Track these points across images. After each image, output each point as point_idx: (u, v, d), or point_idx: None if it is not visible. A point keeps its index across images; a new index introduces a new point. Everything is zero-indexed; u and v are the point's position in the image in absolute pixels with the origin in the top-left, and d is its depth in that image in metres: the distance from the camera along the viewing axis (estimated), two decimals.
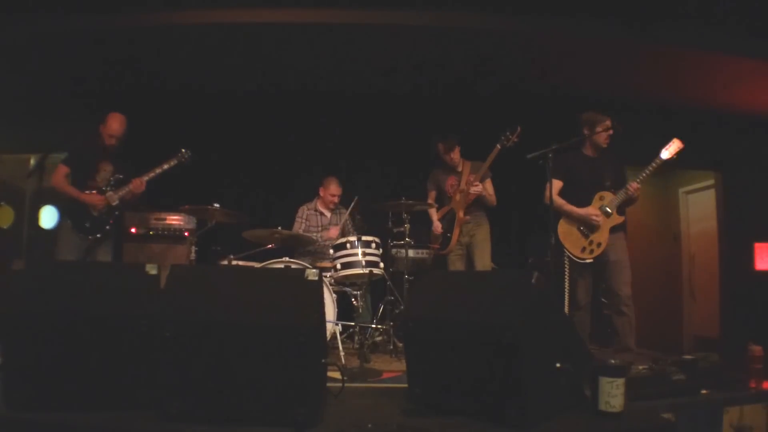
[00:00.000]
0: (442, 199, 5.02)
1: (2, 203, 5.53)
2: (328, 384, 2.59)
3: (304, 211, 5.44)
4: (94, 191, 4.31)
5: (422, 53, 5.22)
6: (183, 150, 4.50)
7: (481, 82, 5.84)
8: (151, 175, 4.41)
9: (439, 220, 4.94)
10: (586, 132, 4.26)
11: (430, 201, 4.97)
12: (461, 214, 4.77)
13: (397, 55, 5.28)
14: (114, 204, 4.34)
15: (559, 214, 4.22)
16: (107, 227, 4.33)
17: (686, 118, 5.66)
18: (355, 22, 4.67)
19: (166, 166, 4.45)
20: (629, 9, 4.52)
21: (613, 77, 5.41)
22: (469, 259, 4.84)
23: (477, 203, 4.80)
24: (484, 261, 4.78)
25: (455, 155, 4.87)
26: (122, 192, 4.36)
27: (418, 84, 5.94)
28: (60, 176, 4.29)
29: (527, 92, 5.93)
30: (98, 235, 4.29)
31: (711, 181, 6.45)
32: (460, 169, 4.91)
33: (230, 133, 6.11)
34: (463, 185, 4.79)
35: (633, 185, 4.06)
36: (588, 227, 4.15)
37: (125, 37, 4.90)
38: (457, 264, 4.85)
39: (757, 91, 5.50)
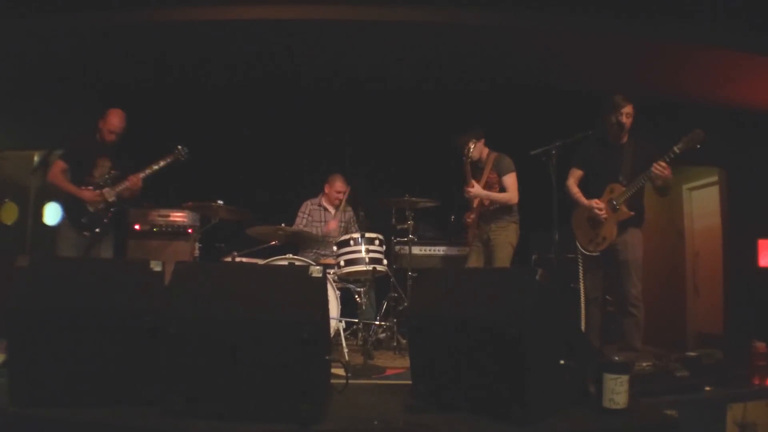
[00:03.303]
0: None
1: (7, 200, 5.54)
2: (332, 381, 2.60)
3: (307, 206, 5.44)
4: (91, 187, 4.30)
5: (428, 50, 5.21)
6: (179, 147, 4.45)
7: (486, 79, 5.83)
8: (148, 171, 4.39)
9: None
10: (603, 119, 4.04)
11: None
12: (475, 203, 4.68)
13: (403, 52, 5.28)
14: (111, 200, 4.33)
15: (572, 206, 4.18)
16: (104, 223, 4.32)
17: (690, 114, 5.64)
18: (364, 19, 4.66)
19: (162, 163, 4.42)
20: (632, 4, 4.51)
21: (616, 73, 5.40)
22: (488, 261, 4.62)
23: (498, 207, 4.61)
24: (502, 265, 4.51)
25: (470, 154, 4.64)
26: (119, 188, 4.34)
27: (423, 80, 5.93)
28: (57, 172, 4.29)
29: (531, 89, 5.92)
30: (96, 231, 4.27)
31: (715, 178, 6.42)
32: (483, 162, 4.73)
33: (234, 129, 6.11)
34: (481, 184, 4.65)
35: (657, 165, 3.75)
36: (594, 219, 4.02)
37: (128, 33, 4.91)
38: (473, 259, 4.69)
39: (761, 88, 5.48)
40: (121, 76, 5.80)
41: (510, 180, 4.61)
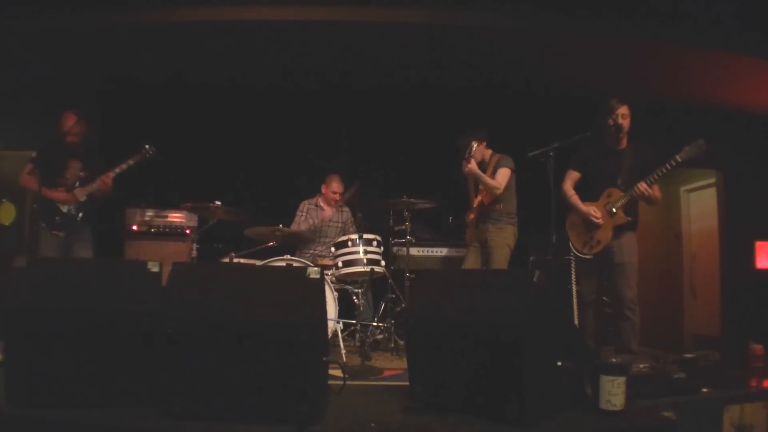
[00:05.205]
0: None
1: (4, 200, 5.53)
2: (330, 382, 2.60)
3: (305, 205, 5.45)
4: (62, 188, 4.42)
5: (425, 50, 5.22)
6: (147, 146, 4.52)
7: (486, 80, 5.84)
8: (117, 170, 4.47)
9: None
10: (600, 124, 4.01)
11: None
12: (475, 203, 4.67)
13: (400, 52, 5.28)
14: (82, 200, 4.43)
15: (567, 208, 4.19)
16: (77, 222, 4.42)
17: (687, 116, 5.66)
18: (360, 20, 4.66)
19: (131, 162, 4.50)
20: (630, 7, 4.52)
21: (614, 76, 5.41)
22: (485, 262, 4.59)
23: (497, 208, 4.59)
24: (498, 267, 4.48)
25: (473, 154, 4.58)
26: (90, 188, 4.45)
27: (421, 81, 5.93)
28: (26, 175, 4.42)
29: (530, 90, 5.93)
30: (69, 230, 4.38)
31: (712, 180, 6.44)
32: (486, 164, 4.68)
33: (232, 130, 6.11)
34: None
35: (640, 185, 3.83)
36: (589, 222, 4.04)
37: (126, 34, 4.91)
38: (470, 260, 4.65)
39: (759, 90, 5.50)
40: (119, 77, 5.79)
41: (501, 172, 4.54)
